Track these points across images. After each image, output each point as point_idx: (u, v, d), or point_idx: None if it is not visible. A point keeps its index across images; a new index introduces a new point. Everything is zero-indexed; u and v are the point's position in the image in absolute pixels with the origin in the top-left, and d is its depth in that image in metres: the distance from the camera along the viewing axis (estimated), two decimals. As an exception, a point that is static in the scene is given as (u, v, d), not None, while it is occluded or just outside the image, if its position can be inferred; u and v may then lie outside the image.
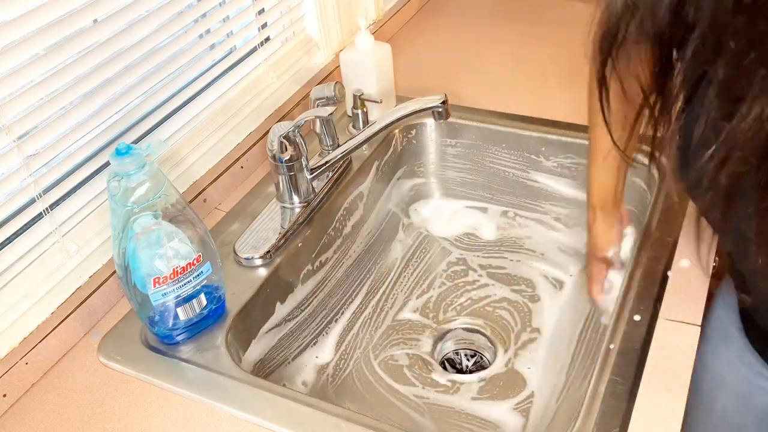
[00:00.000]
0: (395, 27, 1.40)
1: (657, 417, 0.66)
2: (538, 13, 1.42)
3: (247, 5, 1.04)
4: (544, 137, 1.07)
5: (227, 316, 0.82)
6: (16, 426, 0.73)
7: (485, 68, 1.26)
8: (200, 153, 0.98)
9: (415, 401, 0.93)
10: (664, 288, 0.79)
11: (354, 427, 0.69)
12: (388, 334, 1.03)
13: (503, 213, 1.16)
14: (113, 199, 0.71)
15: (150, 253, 0.73)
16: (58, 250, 0.81)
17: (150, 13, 0.87)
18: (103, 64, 0.82)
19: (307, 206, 0.96)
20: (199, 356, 0.78)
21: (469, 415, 0.91)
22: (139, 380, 0.76)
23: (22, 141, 0.74)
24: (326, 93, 0.97)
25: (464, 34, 1.39)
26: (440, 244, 1.16)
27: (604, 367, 0.72)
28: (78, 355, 0.81)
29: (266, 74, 1.10)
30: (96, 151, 0.84)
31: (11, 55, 0.71)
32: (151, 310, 0.77)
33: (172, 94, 0.94)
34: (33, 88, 0.74)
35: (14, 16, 0.71)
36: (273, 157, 0.92)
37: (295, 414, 0.71)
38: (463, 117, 1.12)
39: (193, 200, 0.96)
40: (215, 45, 1.01)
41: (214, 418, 0.72)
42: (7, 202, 0.75)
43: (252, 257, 0.89)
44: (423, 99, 0.91)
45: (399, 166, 1.15)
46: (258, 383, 0.74)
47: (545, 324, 1.01)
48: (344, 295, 1.05)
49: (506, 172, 1.13)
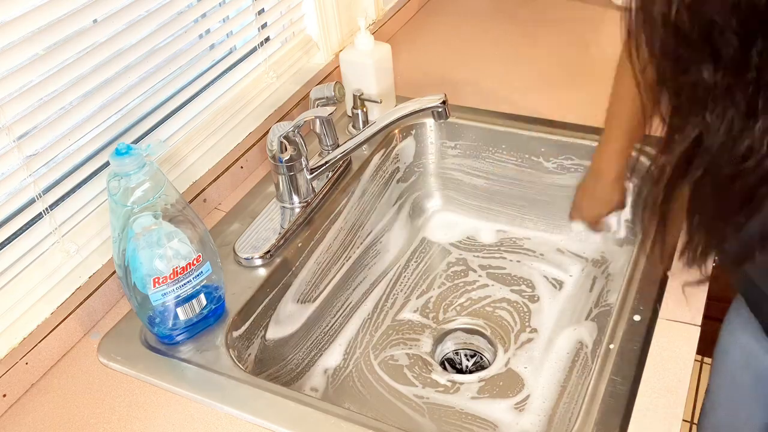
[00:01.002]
0: (395, 27, 1.40)
1: (657, 417, 0.66)
2: (538, 13, 1.42)
3: (247, 5, 1.04)
4: (544, 137, 1.07)
5: (227, 316, 0.82)
6: (15, 426, 0.73)
7: (485, 68, 1.26)
8: (200, 153, 0.98)
9: (415, 401, 0.93)
10: (664, 288, 0.80)
11: (354, 427, 0.69)
12: (388, 334, 1.03)
13: (503, 213, 1.16)
14: (113, 199, 0.71)
15: (150, 254, 0.73)
16: (57, 250, 0.81)
17: (150, 13, 0.87)
18: (102, 64, 0.82)
19: (307, 206, 0.96)
20: (199, 356, 0.78)
21: (468, 415, 0.91)
22: (139, 380, 0.76)
23: (21, 141, 0.74)
24: (326, 93, 0.97)
25: (464, 34, 1.39)
26: (440, 244, 1.16)
27: (604, 367, 0.72)
28: (78, 355, 0.81)
29: (266, 74, 1.10)
30: (96, 151, 0.84)
31: (11, 55, 0.71)
32: (150, 310, 0.77)
33: (171, 94, 0.94)
34: (33, 88, 0.74)
35: (14, 16, 0.71)
36: (273, 157, 0.92)
37: (295, 414, 0.71)
38: (463, 117, 1.12)
39: (193, 200, 0.96)
40: (215, 45, 1.01)
41: (214, 418, 0.72)
42: (7, 202, 0.75)
43: (252, 257, 0.89)
44: (423, 99, 0.91)
45: (399, 167, 1.15)
46: (258, 383, 0.74)
47: (545, 324, 1.01)
48: (344, 295, 1.04)
49: (506, 172, 1.13)
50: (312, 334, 0.98)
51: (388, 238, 1.14)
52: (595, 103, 0.91)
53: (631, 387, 0.69)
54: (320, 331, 0.99)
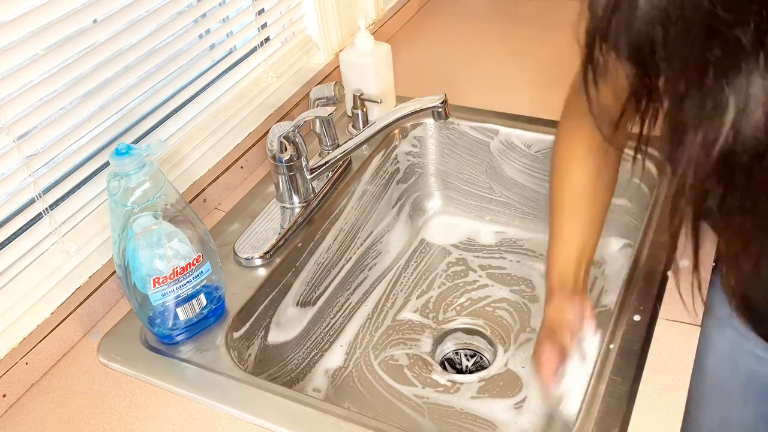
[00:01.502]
0: (395, 27, 1.40)
1: (657, 417, 0.66)
2: (538, 14, 1.42)
3: (247, 5, 1.04)
4: (545, 137, 1.07)
5: (227, 316, 0.82)
6: (15, 426, 0.73)
7: (485, 68, 1.26)
8: (200, 153, 0.98)
9: (415, 401, 0.93)
10: (664, 288, 0.80)
11: (354, 427, 0.69)
12: (388, 334, 1.03)
13: (503, 213, 1.16)
14: (113, 199, 0.71)
15: (150, 254, 0.73)
16: (57, 250, 0.81)
17: (149, 13, 0.87)
18: (102, 64, 0.82)
19: (307, 206, 0.96)
20: (199, 356, 0.78)
21: (468, 415, 0.91)
22: (138, 380, 0.76)
23: (21, 141, 0.74)
24: (326, 93, 0.97)
25: (464, 34, 1.39)
26: (440, 244, 1.16)
27: (604, 367, 0.72)
28: (78, 355, 0.81)
29: (266, 74, 1.10)
30: (96, 151, 0.84)
31: (11, 55, 0.71)
32: (150, 310, 0.77)
33: (171, 94, 0.94)
34: (33, 88, 0.74)
35: (14, 16, 0.71)
36: (273, 157, 0.92)
37: (295, 414, 0.71)
38: (463, 117, 1.12)
39: (193, 200, 0.96)
40: (215, 45, 1.01)
41: (213, 419, 0.72)
42: (7, 202, 0.75)
43: (252, 257, 0.89)
44: (423, 99, 0.91)
45: (399, 167, 1.15)
46: (258, 383, 0.74)
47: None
48: (344, 295, 1.04)
49: (506, 173, 1.13)
50: (312, 334, 0.98)
51: (389, 239, 1.14)
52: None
53: (631, 387, 0.69)
54: (320, 331, 0.99)
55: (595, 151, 0.76)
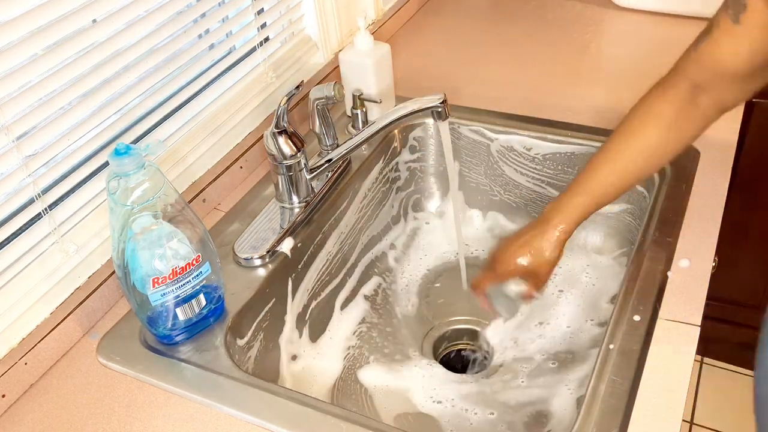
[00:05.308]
0: (394, 27, 1.40)
1: (657, 417, 0.66)
2: (538, 13, 1.42)
3: (247, 5, 1.04)
4: (545, 137, 1.07)
5: (226, 317, 0.82)
6: (15, 426, 0.73)
7: (485, 68, 1.26)
8: (199, 153, 0.98)
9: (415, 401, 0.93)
10: (664, 288, 0.80)
11: (354, 427, 0.69)
12: (389, 334, 1.03)
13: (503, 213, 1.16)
14: (112, 199, 0.71)
15: (149, 254, 0.73)
16: (57, 250, 0.81)
17: (149, 13, 0.87)
18: (102, 64, 0.82)
19: (307, 206, 0.96)
20: (199, 356, 0.78)
21: (469, 414, 0.91)
22: (138, 380, 0.76)
23: (21, 141, 0.74)
24: (325, 93, 0.97)
25: (464, 34, 1.39)
26: (440, 243, 1.16)
27: (604, 367, 0.72)
28: (77, 355, 0.81)
29: (265, 74, 1.10)
30: (95, 151, 0.84)
31: (10, 55, 0.71)
32: (150, 311, 0.76)
33: (171, 94, 0.94)
34: (32, 88, 0.74)
35: (13, 16, 0.71)
36: (272, 157, 0.91)
37: (295, 414, 0.71)
38: (463, 117, 1.12)
39: (193, 200, 0.96)
40: (214, 45, 1.01)
41: (213, 419, 0.72)
42: (6, 203, 0.74)
43: (251, 257, 0.89)
44: (422, 99, 0.91)
45: (398, 167, 1.15)
46: (257, 383, 0.74)
47: (546, 323, 1.01)
48: (344, 295, 1.04)
49: (506, 172, 1.13)
50: (312, 333, 0.98)
51: (388, 238, 1.14)
52: (595, 103, 0.91)
53: (631, 387, 0.69)
54: (320, 331, 0.99)
55: (678, 107, 0.76)
